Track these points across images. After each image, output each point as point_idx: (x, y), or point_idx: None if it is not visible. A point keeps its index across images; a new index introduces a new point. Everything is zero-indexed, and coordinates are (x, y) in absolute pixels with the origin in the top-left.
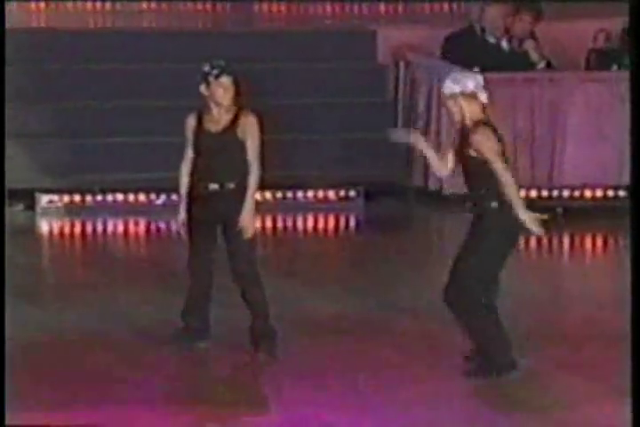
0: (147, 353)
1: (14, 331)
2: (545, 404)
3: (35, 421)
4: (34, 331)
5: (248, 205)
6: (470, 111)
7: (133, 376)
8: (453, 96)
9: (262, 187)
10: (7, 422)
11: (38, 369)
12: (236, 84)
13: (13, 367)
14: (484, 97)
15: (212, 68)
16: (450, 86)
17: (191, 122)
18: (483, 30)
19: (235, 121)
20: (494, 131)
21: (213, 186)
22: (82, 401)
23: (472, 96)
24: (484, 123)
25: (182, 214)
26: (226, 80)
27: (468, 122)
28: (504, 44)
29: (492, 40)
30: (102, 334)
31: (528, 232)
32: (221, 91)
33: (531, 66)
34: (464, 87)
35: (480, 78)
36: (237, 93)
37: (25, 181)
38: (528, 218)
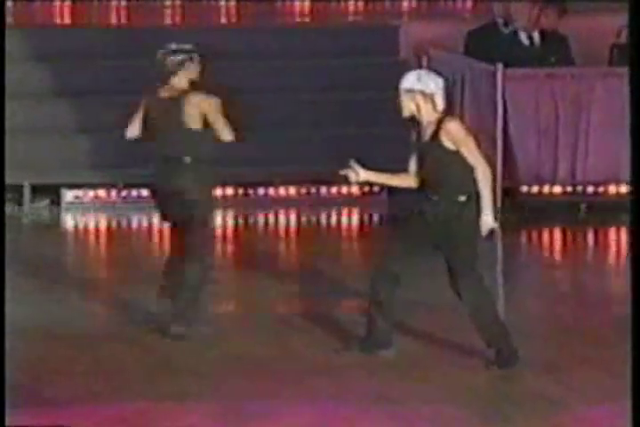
0: (166, 349)
1: (37, 324)
2: (567, 399)
3: (51, 413)
4: (57, 324)
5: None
6: (425, 110)
7: (152, 372)
8: (410, 91)
9: (286, 182)
10: (15, 417)
11: (57, 362)
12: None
13: (32, 360)
14: (440, 100)
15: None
16: (411, 82)
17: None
18: (506, 25)
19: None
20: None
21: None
22: (101, 395)
23: (429, 97)
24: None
25: None
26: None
27: (424, 119)
28: (535, 37)
29: (523, 36)
30: (123, 328)
31: None
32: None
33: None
34: (425, 86)
35: (441, 82)
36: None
37: (50, 177)
38: (487, 219)
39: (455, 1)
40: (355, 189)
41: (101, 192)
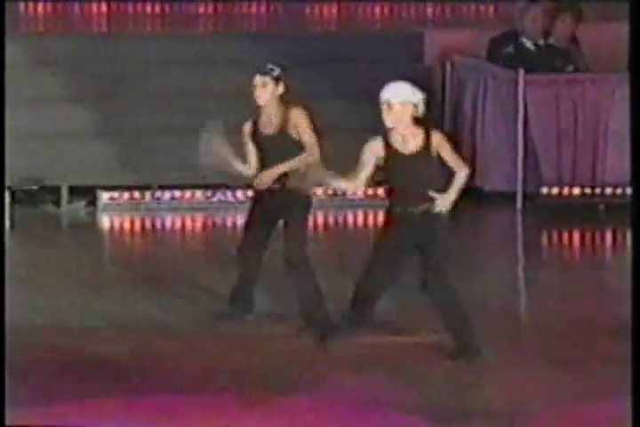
0: (206, 343)
1: (77, 320)
2: (589, 394)
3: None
4: (95, 320)
5: None
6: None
7: (195, 367)
8: (405, 103)
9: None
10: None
11: (95, 357)
12: (282, 84)
13: (72, 356)
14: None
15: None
16: (409, 94)
17: (245, 129)
18: (523, 32)
19: (286, 121)
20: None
21: (274, 186)
22: (145, 390)
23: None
24: None
25: None
26: (258, 79)
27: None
28: (541, 44)
29: (527, 43)
30: (161, 324)
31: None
32: (255, 90)
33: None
34: (417, 99)
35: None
36: (282, 94)
37: (87, 179)
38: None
39: (478, 7)
40: (380, 191)
41: (136, 194)
